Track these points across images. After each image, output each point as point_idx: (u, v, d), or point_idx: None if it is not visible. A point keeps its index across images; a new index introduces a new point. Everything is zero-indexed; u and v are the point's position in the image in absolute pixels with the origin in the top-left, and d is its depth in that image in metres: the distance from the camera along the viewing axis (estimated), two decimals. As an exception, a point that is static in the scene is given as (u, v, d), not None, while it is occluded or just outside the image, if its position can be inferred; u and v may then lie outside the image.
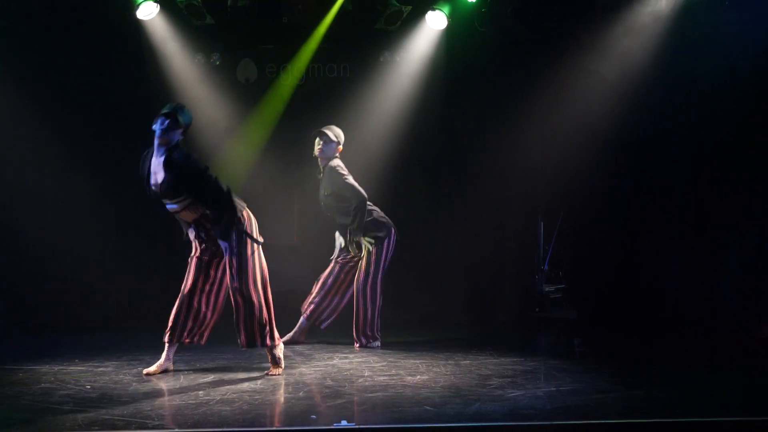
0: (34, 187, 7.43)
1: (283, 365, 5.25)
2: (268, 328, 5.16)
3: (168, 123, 4.96)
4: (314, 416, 4.06)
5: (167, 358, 5.25)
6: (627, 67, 7.47)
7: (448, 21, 7.82)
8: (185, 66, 8.06)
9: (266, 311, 5.16)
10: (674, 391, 4.73)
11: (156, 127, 4.97)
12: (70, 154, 7.57)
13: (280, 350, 5.28)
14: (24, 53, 7.39)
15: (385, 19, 7.94)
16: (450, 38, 8.05)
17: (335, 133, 6.40)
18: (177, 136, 5.01)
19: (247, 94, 8.29)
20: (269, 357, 5.24)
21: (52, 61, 7.59)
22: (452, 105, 8.26)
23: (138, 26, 7.70)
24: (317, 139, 6.39)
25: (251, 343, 5.15)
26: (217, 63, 8.20)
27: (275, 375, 5.10)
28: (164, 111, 5.00)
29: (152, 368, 5.19)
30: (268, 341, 5.16)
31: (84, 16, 7.58)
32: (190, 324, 5.25)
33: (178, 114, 4.99)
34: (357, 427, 3.79)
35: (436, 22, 7.85)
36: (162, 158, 4.99)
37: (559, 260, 8.49)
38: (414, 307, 8.10)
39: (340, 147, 6.41)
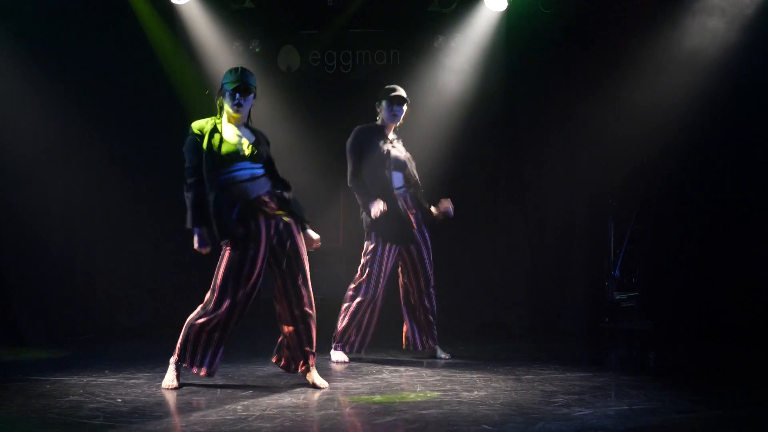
0: (61, 189, 7.54)
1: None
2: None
3: (252, 98, 5.09)
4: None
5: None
6: (709, 51, 7.33)
7: (509, 2, 7.78)
8: (222, 54, 8.14)
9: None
10: (763, 411, 4.64)
11: (242, 102, 5.01)
12: (100, 153, 7.70)
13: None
14: (49, 43, 7.41)
15: (439, 0, 7.93)
16: (511, 21, 8.02)
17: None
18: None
19: (289, 83, 8.34)
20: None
21: (79, 51, 7.63)
22: (513, 95, 8.22)
23: (171, 11, 7.80)
24: (405, 105, 6.26)
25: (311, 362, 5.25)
26: (257, 50, 8.27)
27: (321, 389, 5.12)
28: (245, 84, 5.00)
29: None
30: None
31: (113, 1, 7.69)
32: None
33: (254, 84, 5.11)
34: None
35: (495, 3, 7.82)
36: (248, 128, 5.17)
37: (632, 265, 8.40)
38: (471, 315, 8.08)
39: None
